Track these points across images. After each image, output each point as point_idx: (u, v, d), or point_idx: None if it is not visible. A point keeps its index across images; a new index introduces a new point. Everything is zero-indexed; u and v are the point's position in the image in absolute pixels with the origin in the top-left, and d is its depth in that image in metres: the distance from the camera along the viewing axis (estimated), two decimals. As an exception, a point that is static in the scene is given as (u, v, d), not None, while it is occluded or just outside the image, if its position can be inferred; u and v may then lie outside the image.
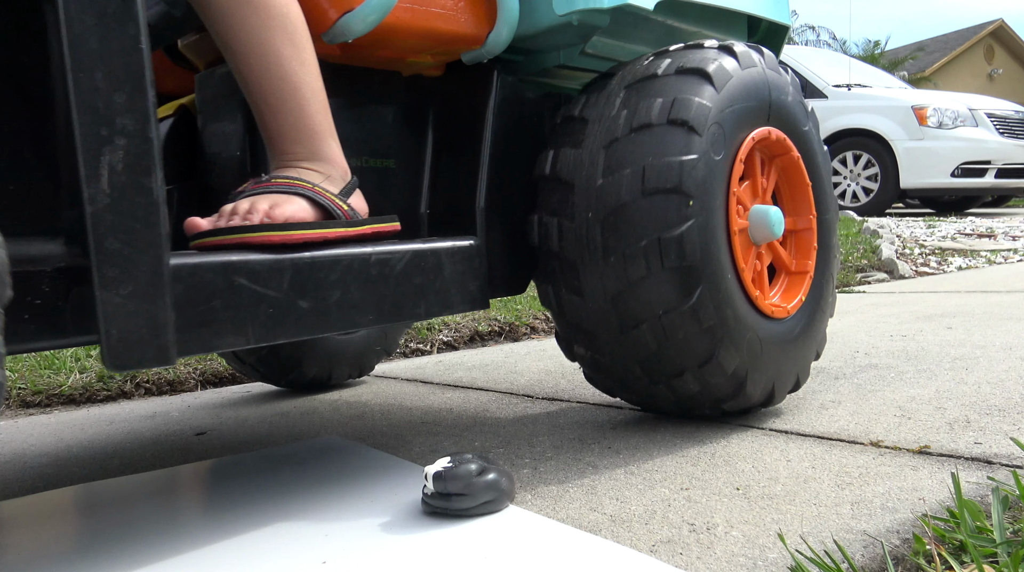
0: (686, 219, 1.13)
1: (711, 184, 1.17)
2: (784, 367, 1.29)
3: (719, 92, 1.20)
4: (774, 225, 1.27)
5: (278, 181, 0.99)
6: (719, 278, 1.17)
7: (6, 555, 0.94)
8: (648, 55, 1.29)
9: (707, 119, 1.17)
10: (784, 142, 1.33)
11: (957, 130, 7.23)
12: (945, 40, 23.44)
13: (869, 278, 3.84)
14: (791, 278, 1.38)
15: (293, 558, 0.87)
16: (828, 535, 0.84)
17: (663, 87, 1.20)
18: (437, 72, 1.33)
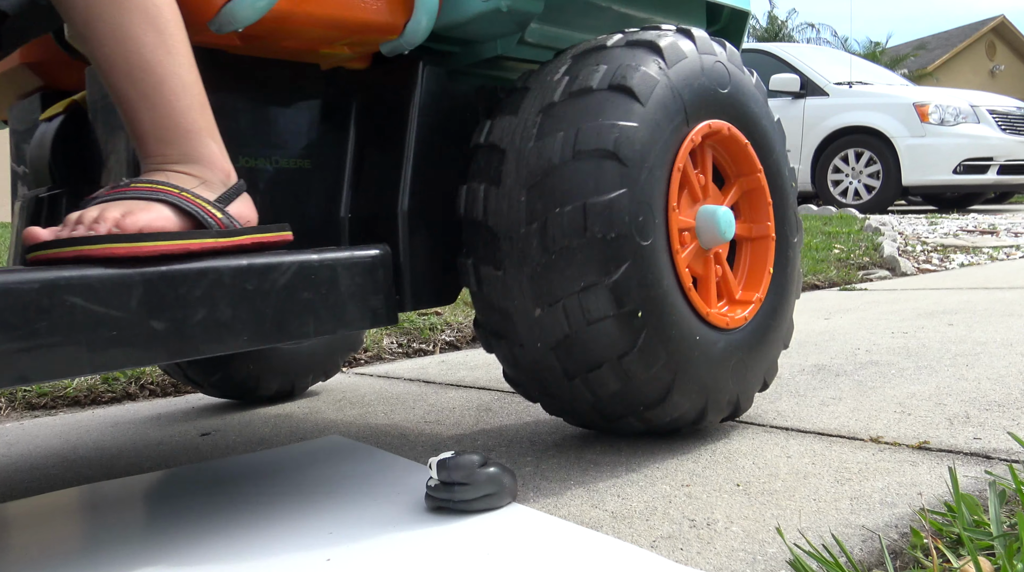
0: (617, 187, 1.04)
1: (650, 158, 1.08)
2: (722, 383, 1.17)
3: (669, 68, 1.12)
4: (723, 226, 1.17)
5: (137, 186, 0.88)
6: (649, 260, 1.08)
7: (14, 555, 0.95)
8: None
9: (652, 91, 1.09)
10: (738, 139, 1.24)
11: (959, 127, 7.22)
12: (947, 37, 23.41)
13: (871, 275, 3.85)
14: (734, 302, 1.28)
15: (298, 556, 0.88)
16: (827, 530, 0.85)
17: (609, 56, 1.12)
18: (361, 65, 1.24)
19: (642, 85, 1.09)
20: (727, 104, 1.22)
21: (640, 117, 1.08)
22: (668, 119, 1.11)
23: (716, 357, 1.16)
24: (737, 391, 1.21)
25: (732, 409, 1.22)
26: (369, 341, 2.43)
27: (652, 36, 1.15)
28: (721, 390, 1.18)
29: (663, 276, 1.09)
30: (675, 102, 1.12)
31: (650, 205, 1.08)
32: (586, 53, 1.15)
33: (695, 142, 1.16)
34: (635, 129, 1.07)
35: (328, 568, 0.84)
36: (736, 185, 1.28)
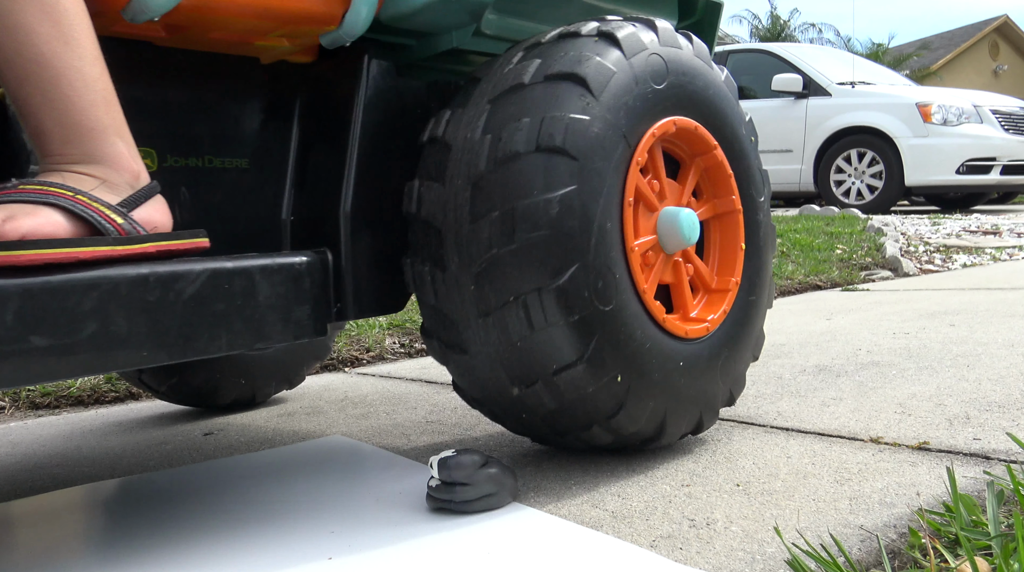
0: (566, 184, 0.99)
1: (602, 154, 1.02)
2: (683, 397, 1.11)
3: (628, 59, 1.06)
4: (685, 229, 1.10)
5: (26, 188, 0.81)
6: (602, 260, 1.01)
7: (18, 554, 0.96)
8: None
9: (606, 83, 1.03)
10: (706, 138, 1.17)
11: (962, 127, 7.22)
12: (950, 37, 23.38)
13: (873, 276, 3.85)
14: (711, 296, 1.22)
15: (300, 555, 0.88)
16: (826, 530, 0.85)
17: (563, 46, 1.06)
18: (306, 58, 1.17)
19: (596, 77, 1.02)
20: (693, 99, 1.15)
21: (593, 111, 1.01)
22: (625, 114, 1.05)
23: (677, 369, 1.09)
24: (700, 406, 1.14)
25: (695, 424, 1.16)
26: (371, 341, 2.44)
27: (614, 26, 1.09)
28: (682, 404, 1.11)
29: (615, 283, 1.02)
30: (633, 96, 1.06)
31: (602, 203, 1.01)
32: (540, 44, 1.09)
33: (655, 137, 1.10)
34: (587, 123, 1.01)
35: (330, 567, 0.84)
36: (692, 166, 1.21)
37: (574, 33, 1.08)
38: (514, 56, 1.09)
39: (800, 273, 3.66)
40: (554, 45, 1.07)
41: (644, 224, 1.11)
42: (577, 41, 1.06)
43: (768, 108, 7.82)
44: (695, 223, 1.12)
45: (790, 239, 4.50)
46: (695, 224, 1.12)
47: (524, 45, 1.11)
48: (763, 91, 7.96)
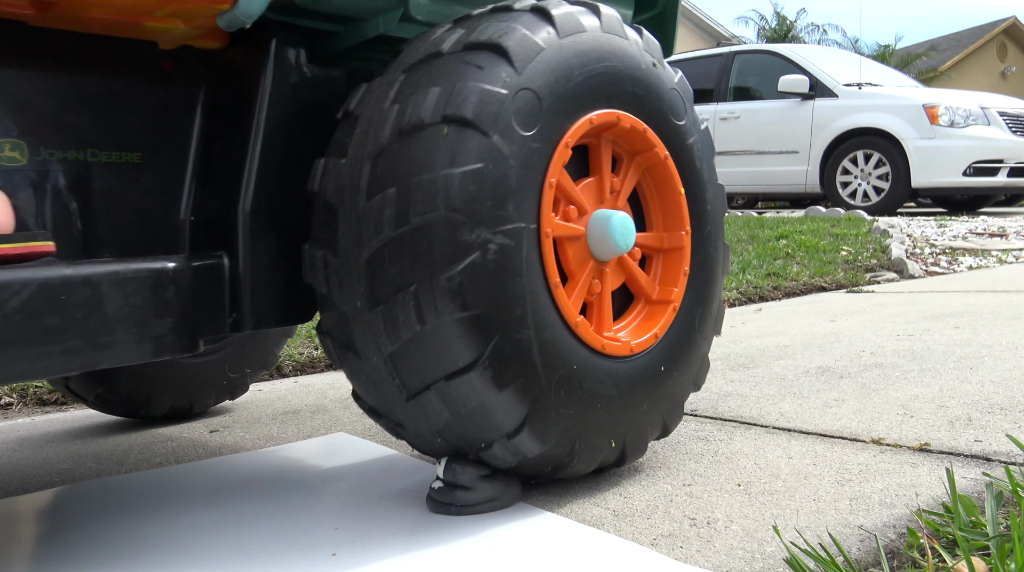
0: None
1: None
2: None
3: (561, 39, 0.97)
4: (617, 234, 1.00)
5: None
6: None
7: (27, 548, 0.97)
8: None
9: (531, 57, 0.94)
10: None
11: (969, 129, 7.20)
12: (958, 38, 23.30)
13: (878, 278, 3.84)
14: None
15: (304, 551, 0.89)
16: (825, 529, 0.86)
17: (491, 19, 0.98)
18: (213, 44, 1.06)
19: (520, 50, 0.93)
20: (633, 92, 1.06)
21: (512, 84, 0.92)
22: (552, 94, 0.95)
23: (597, 386, 0.97)
24: (622, 432, 1.02)
25: (617, 454, 1.03)
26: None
27: (547, 4, 1.01)
28: (599, 428, 0.98)
29: (523, 276, 0.91)
30: (565, 78, 0.96)
31: (515, 185, 0.90)
32: (470, 17, 1.01)
33: (593, 125, 1.00)
34: (504, 97, 0.91)
35: (334, 562, 0.85)
36: (632, 165, 1.11)
37: (507, 7, 1.00)
38: (441, 28, 1.02)
39: (805, 274, 3.66)
40: (483, 18, 0.99)
41: (572, 221, 1.01)
42: (508, 14, 0.98)
43: (774, 109, 7.81)
44: (629, 228, 1.02)
45: (795, 241, 4.49)
46: (629, 230, 1.02)
47: (455, 19, 1.04)
48: (769, 92, 7.95)
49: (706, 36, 14.36)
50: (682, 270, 1.11)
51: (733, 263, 3.90)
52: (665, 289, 1.11)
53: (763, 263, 3.91)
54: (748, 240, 4.65)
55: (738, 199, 10.44)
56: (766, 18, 19.66)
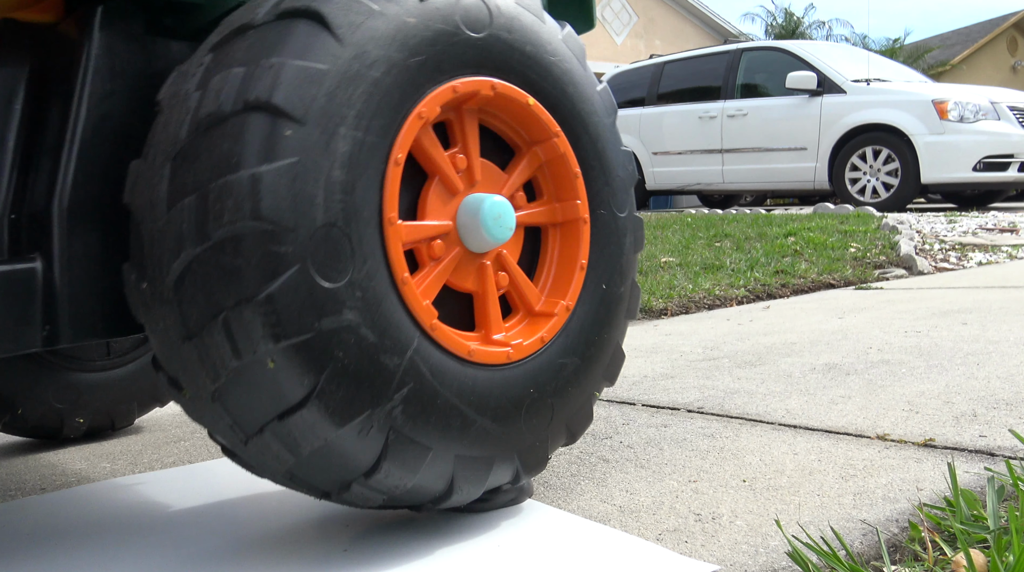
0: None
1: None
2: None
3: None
4: (489, 221, 0.87)
5: None
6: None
7: (43, 548, 0.99)
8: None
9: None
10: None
11: (979, 124, 7.16)
12: (967, 32, 23.16)
13: (887, 275, 3.84)
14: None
15: (317, 547, 0.91)
16: (828, 524, 0.87)
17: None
18: (44, 16, 0.93)
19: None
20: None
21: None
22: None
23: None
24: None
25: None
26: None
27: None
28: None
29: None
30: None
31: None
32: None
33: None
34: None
35: (346, 558, 0.87)
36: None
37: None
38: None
39: (813, 271, 3.66)
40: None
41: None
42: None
43: (782, 106, 7.79)
44: (506, 217, 0.89)
45: (803, 238, 4.49)
46: (506, 218, 0.89)
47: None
48: (777, 89, 7.94)
49: (713, 33, 14.33)
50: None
51: (741, 261, 3.91)
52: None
53: (771, 260, 3.91)
54: (756, 237, 4.65)
55: (747, 196, 10.42)
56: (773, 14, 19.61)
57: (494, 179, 0.95)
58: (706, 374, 1.76)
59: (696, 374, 1.77)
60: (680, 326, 2.61)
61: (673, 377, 1.76)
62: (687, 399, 1.53)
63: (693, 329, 2.51)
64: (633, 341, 2.34)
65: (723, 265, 3.82)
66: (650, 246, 4.55)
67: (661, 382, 1.71)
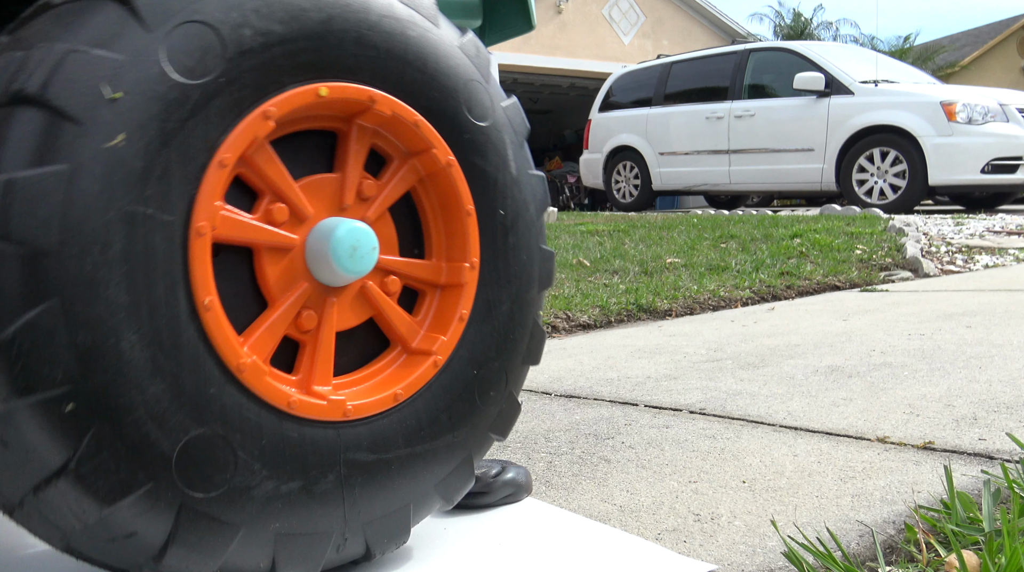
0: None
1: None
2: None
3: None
4: (341, 250, 0.75)
5: None
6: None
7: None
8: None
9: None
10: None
11: (987, 126, 7.14)
12: (976, 34, 23.05)
13: (893, 277, 3.84)
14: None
15: (320, 543, 0.93)
16: (825, 525, 0.88)
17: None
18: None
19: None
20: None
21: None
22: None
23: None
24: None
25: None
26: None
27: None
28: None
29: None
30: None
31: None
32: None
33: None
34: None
35: (349, 555, 0.89)
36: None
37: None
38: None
39: (819, 273, 3.66)
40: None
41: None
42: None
43: (790, 107, 7.79)
44: (363, 246, 0.76)
45: (809, 239, 4.49)
46: (363, 246, 0.76)
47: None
48: (785, 90, 7.93)
49: (721, 34, 14.31)
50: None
51: (746, 262, 3.91)
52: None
53: (777, 262, 3.91)
54: (762, 239, 4.65)
55: (753, 197, 10.41)
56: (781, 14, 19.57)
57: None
58: (709, 375, 1.77)
59: (699, 375, 1.78)
60: (684, 327, 2.62)
61: (676, 378, 1.77)
62: (689, 400, 1.54)
63: (697, 330, 2.52)
64: (637, 342, 2.35)
65: (728, 266, 3.83)
66: (656, 247, 4.56)
67: (664, 383, 1.72)
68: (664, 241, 4.81)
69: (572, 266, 3.95)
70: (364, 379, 0.82)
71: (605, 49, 13.05)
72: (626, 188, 9.51)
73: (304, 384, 0.76)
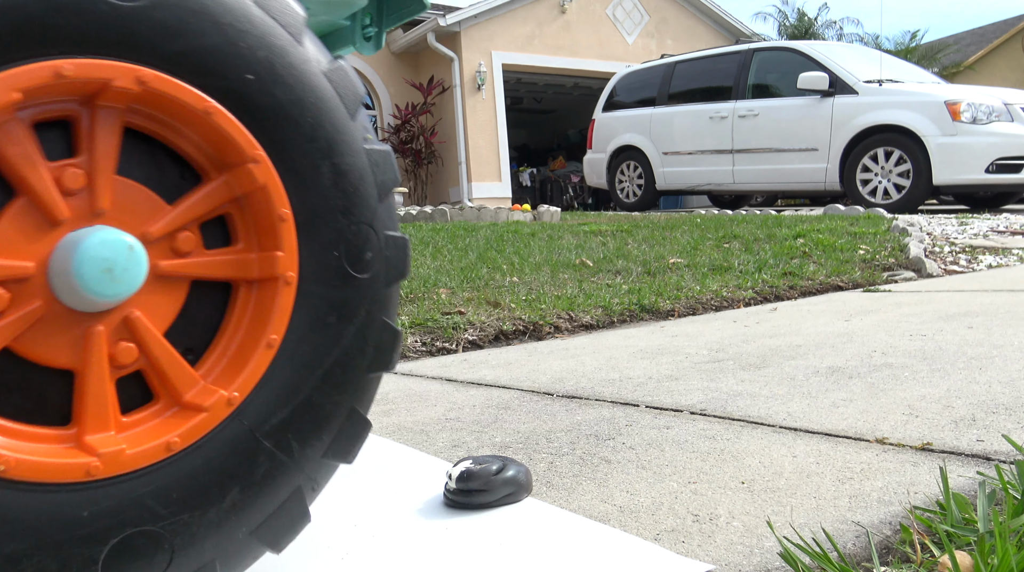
0: None
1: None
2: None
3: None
4: (86, 269, 0.61)
5: None
6: None
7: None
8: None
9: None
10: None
11: (992, 125, 7.13)
12: (981, 33, 22.98)
13: (896, 277, 3.84)
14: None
15: (317, 550, 0.94)
16: (822, 525, 0.89)
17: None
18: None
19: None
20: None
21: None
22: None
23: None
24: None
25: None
26: (394, 340, 2.50)
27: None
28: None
29: None
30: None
31: None
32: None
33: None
34: None
35: (343, 567, 0.90)
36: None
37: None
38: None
39: (821, 273, 3.67)
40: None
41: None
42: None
43: (793, 106, 7.78)
44: (117, 263, 0.62)
45: (812, 239, 4.49)
46: (116, 265, 0.62)
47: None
48: (789, 89, 7.93)
49: (725, 33, 14.29)
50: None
51: (749, 262, 3.92)
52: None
53: (780, 262, 3.92)
54: (765, 239, 4.66)
55: (757, 197, 10.40)
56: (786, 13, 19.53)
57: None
58: (710, 376, 1.78)
59: (700, 376, 1.79)
60: (687, 327, 2.63)
61: (677, 379, 1.78)
62: (690, 401, 1.55)
63: (700, 330, 2.52)
64: (639, 342, 2.36)
65: (731, 266, 3.83)
66: (659, 247, 4.57)
67: (665, 384, 1.73)
68: (667, 241, 4.81)
69: (575, 266, 3.96)
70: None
71: (609, 49, 13.04)
72: (630, 188, 9.52)
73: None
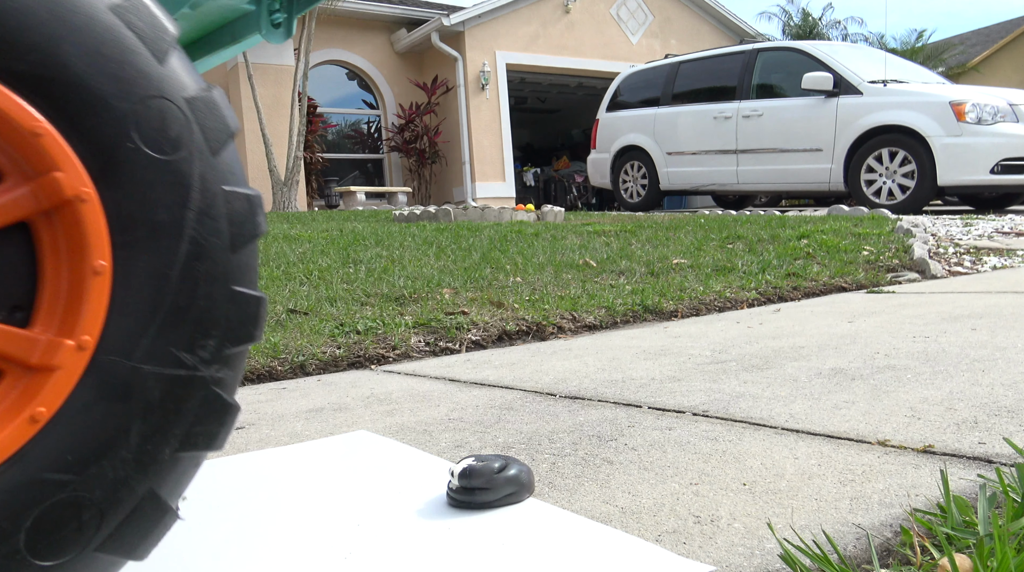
0: None
1: None
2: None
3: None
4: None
5: None
6: None
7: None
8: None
9: None
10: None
11: (997, 126, 7.11)
12: (987, 33, 22.92)
13: (900, 278, 3.83)
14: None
15: (317, 550, 0.94)
16: (822, 527, 0.89)
17: None
18: None
19: None
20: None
21: None
22: None
23: None
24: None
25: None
26: (397, 340, 2.50)
27: None
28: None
29: None
30: None
31: None
32: None
33: None
34: None
35: (345, 566, 0.90)
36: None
37: None
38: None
39: (825, 274, 3.66)
40: None
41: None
42: None
43: (798, 107, 7.78)
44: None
45: (816, 240, 4.49)
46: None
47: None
48: (793, 90, 7.92)
49: (729, 33, 14.28)
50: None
51: (753, 263, 3.91)
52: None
53: (783, 263, 3.91)
54: (769, 239, 4.65)
55: (761, 197, 10.38)
56: (790, 13, 19.49)
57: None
58: (713, 377, 1.78)
59: (703, 377, 1.79)
60: (690, 328, 2.63)
61: (680, 380, 1.78)
62: (693, 402, 1.56)
63: (703, 331, 2.53)
64: (642, 343, 2.36)
65: (735, 267, 3.83)
66: (662, 247, 4.56)
67: (668, 385, 1.73)
68: (671, 242, 4.81)
69: (579, 267, 3.96)
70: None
71: (613, 49, 13.04)
72: (633, 188, 9.52)
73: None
